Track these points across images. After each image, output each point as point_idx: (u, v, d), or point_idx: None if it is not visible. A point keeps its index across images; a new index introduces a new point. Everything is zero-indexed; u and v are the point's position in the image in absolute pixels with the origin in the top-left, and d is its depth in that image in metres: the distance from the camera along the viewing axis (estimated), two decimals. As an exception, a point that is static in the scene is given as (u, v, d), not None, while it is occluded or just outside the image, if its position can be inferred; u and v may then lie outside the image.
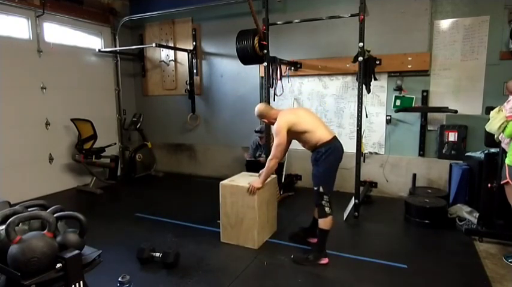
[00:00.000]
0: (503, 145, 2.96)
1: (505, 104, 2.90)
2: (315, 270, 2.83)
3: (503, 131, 2.88)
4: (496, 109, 2.98)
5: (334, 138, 2.94)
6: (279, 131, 2.91)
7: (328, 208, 2.88)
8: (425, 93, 4.48)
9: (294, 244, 3.30)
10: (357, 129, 3.87)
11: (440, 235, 3.48)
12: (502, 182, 2.90)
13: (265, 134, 4.44)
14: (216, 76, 5.89)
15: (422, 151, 4.59)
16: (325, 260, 2.93)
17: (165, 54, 6.23)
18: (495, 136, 3.02)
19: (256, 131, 4.92)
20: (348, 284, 2.65)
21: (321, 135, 2.90)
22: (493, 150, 3.50)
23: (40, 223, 1.89)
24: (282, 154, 3.01)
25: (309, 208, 4.40)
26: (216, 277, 2.74)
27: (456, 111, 4.19)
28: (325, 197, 2.88)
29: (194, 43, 5.90)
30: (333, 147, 2.88)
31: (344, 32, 4.62)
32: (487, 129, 3.06)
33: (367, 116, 4.51)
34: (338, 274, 2.79)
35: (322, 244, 2.95)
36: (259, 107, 3.17)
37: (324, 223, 2.90)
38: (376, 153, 4.85)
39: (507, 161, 2.83)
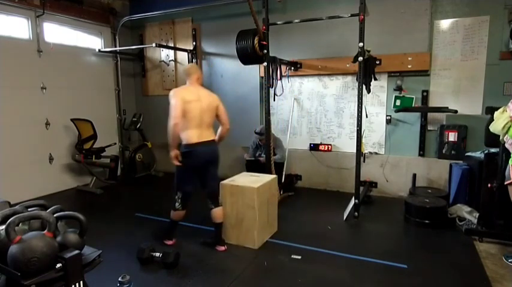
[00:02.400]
0: (507, 145, 2.93)
1: (510, 104, 2.88)
2: (315, 270, 2.84)
3: (507, 131, 2.87)
4: (501, 109, 2.95)
5: (201, 143, 3.00)
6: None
7: (178, 204, 3.16)
8: (425, 93, 4.48)
9: (291, 243, 3.30)
10: (357, 129, 3.86)
11: (440, 235, 3.48)
12: (506, 183, 2.89)
13: (266, 134, 4.43)
14: (216, 76, 5.89)
15: (422, 151, 4.59)
16: (169, 242, 3.28)
17: (165, 54, 6.23)
18: (500, 137, 2.98)
19: (256, 133, 4.92)
20: (348, 284, 2.65)
21: (189, 135, 2.99)
22: (493, 150, 3.50)
23: (40, 223, 1.89)
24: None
25: (309, 208, 4.43)
26: (216, 277, 2.74)
27: (456, 111, 4.19)
28: (178, 193, 3.15)
29: (194, 43, 5.90)
30: (193, 152, 2.98)
31: (344, 32, 4.62)
32: (491, 130, 3.03)
33: (367, 116, 4.51)
34: (338, 274, 2.79)
35: (168, 229, 3.33)
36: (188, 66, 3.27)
37: (173, 214, 3.22)
38: (376, 153, 4.85)
39: (511, 161, 2.82)
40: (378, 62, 4.03)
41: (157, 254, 2.90)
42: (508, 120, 2.84)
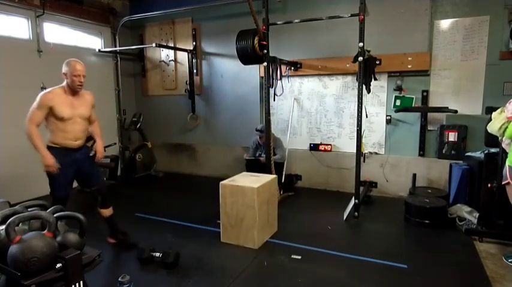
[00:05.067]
0: (503, 146, 2.95)
1: (507, 104, 2.89)
2: (315, 270, 2.84)
3: (504, 132, 2.87)
4: (498, 110, 2.97)
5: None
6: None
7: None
8: (425, 93, 4.48)
9: (291, 243, 3.29)
10: (357, 129, 3.86)
11: (440, 235, 3.48)
12: (503, 183, 2.90)
13: (266, 133, 4.43)
14: (216, 76, 5.89)
15: (422, 151, 4.59)
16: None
17: (165, 54, 6.23)
18: (499, 138, 3.00)
19: (257, 130, 4.92)
20: (348, 284, 2.65)
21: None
22: (493, 150, 3.50)
23: (40, 223, 1.89)
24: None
25: (309, 208, 4.43)
26: (216, 277, 2.74)
27: (456, 111, 4.19)
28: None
29: (194, 43, 5.90)
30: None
31: (344, 32, 4.62)
32: (489, 130, 3.05)
33: (367, 116, 4.51)
34: (338, 274, 2.79)
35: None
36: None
37: None
38: (376, 153, 4.85)
39: (508, 161, 2.82)
40: (378, 62, 4.03)
41: (157, 254, 2.90)
42: (505, 121, 2.85)
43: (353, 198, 3.96)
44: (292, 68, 4.99)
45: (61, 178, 2.87)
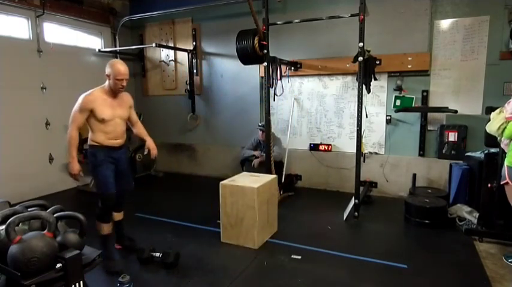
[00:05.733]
0: (502, 146, 2.96)
1: (506, 105, 2.90)
2: (315, 270, 2.83)
3: (502, 132, 2.88)
4: (497, 111, 2.98)
5: None
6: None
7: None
8: (425, 93, 4.47)
9: (291, 243, 3.29)
10: (357, 129, 3.86)
11: (440, 235, 3.48)
12: (501, 183, 2.91)
13: (266, 135, 4.43)
14: (216, 76, 5.89)
15: (422, 151, 4.59)
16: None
17: (165, 54, 6.23)
18: (498, 138, 3.01)
19: (259, 126, 4.93)
20: (348, 284, 2.65)
21: None
22: (493, 150, 3.50)
23: (40, 223, 1.89)
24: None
25: (309, 208, 4.42)
26: (216, 277, 2.74)
27: (456, 111, 4.19)
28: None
29: (194, 43, 5.90)
30: None
31: (344, 32, 4.62)
32: (487, 130, 3.06)
33: (367, 116, 4.51)
34: (338, 274, 2.79)
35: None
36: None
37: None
38: (376, 153, 4.85)
39: (506, 161, 2.83)
40: (378, 62, 4.03)
41: (157, 254, 2.90)
42: (504, 121, 2.85)
43: (353, 198, 3.96)
44: (292, 68, 4.98)
45: (106, 176, 2.87)
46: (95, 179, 2.98)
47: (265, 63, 4.20)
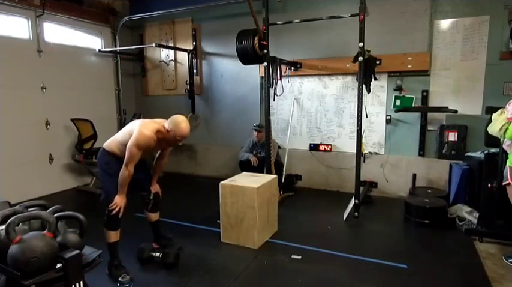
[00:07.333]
0: (504, 147, 2.94)
1: (507, 106, 2.89)
2: (315, 270, 2.84)
3: (504, 133, 2.87)
4: (498, 112, 2.97)
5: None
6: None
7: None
8: (425, 93, 4.47)
9: (291, 243, 3.30)
10: (357, 129, 3.86)
11: (440, 235, 3.48)
12: (503, 183, 2.90)
13: (266, 135, 4.42)
14: (216, 76, 5.89)
15: (422, 151, 4.59)
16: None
17: (165, 54, 6.23)
18: (501, 139, 3.00)
19: (254, 126, 4.92)
20: (348, 284, 2.65)
21: None
22: (493, 150, 3.50)
23: (40, 223, 1.89)
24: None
25: (309, 208, 4.42)
26: (216, 277, 2.74)
27: (456, 111, 4.19)
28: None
29: (194, 43, 5.90)
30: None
31: (344, 32, 4.61)
32: (489, 132, 3.05)
33: (367, 116, 4.50)
34: (338, 274, 2.79)
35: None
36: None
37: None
38: (376, 153, 4.85)
39: (508, 162, 2.82)
40: (378, 62, 4.03)
41: (157, 254, 2.90)
42: (505, 122, 2.85)
43: (353, 198, 3.96)
44: (292, 68, 4.98)
45: (115, 187, 2.74)
46: (102, 185, 2.91)
47: (265, 63, 4.20)
